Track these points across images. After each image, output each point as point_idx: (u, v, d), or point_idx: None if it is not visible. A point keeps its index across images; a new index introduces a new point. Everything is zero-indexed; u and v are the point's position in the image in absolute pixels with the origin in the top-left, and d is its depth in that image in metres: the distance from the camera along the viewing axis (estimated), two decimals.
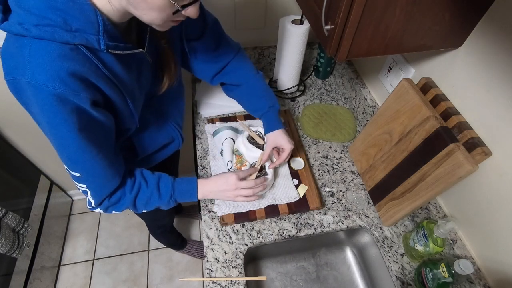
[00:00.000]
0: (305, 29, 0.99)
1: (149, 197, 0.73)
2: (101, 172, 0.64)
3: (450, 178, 0.66)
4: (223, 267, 0.80)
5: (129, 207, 0.73)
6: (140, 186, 0.72)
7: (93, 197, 0.67)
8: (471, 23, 0.64)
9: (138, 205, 0.74)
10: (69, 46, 0.49)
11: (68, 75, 0.49)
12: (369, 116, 1.08)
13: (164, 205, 0.76)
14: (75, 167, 0.61)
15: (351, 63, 1.22)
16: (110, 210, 0.72)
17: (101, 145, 0.61)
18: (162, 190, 0.74)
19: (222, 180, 0.79)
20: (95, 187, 0.66)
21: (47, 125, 0.54)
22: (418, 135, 0.74)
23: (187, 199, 0.78)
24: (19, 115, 1.29)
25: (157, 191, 0.73)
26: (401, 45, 0.64)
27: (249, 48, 1.25)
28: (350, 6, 0.54)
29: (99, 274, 1.65)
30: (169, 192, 0.75)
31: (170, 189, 0.75)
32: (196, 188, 0.78)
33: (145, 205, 0.74)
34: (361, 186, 0.96)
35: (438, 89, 0.77)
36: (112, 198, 0.69)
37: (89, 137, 0.57)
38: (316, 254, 1.02)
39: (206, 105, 1.15)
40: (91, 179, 0.64)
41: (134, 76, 0.64)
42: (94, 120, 0.57)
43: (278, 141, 0.86)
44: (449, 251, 0.80)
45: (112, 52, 0.55)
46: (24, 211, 1.40)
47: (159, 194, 0.74)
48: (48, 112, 0.51)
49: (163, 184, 0.75)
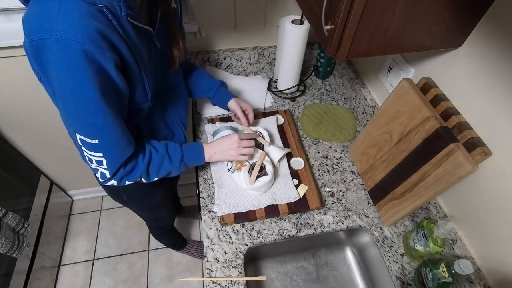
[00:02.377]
0: (305, 29, 0.99)
1: (160, 162, 0.76)
2: (118, 139, 0.64)
3: (450, 178, 0.66)
4: (223, 267, 0.80)
5: (142, 175, 0.75)
6: (151, 153, 0.75)
7: (108, 166, 0.67)
8: (471, 23, 0.64)
9: (151, 172, 0.76)
10: (95, 7, 0.51)
11: (96, 33, 0.51)
12: (369, 116, 1.08)
13: (175, 170, 0.80)
14: (93, 133, 0.61)
15: (351, 63, 1.22)
16: (124, 181, 0.73)
17: (118, 111, 0.62)
18: (172, 155, 0.78)
19: (225, 141, 0.85)
20: (112, 154, 0.66)
21: (71, 85, 0.53)
22: (418, 135, 0.74)
23: (195, 162, 0.84)
24: (19, 115, 1.29)
25: (168, 157, 0.77)
26: (401, 45, 0.64)
27: (249, 48, 1.25)
28: (350, 6, 0.54)
29: (99, 274, 1.65)
30: (179, 156, 0.79)
31: (179, 153, 0.79)
32: (202, 150, 0.84)
33: (157, 172, 0.77)
34: (361, 186, 0.96)
35: (438, 89, 0.77)
36: (127, 167, 0.71)
37: (109, 101, 0.58)
38: (316, 254, 1.02)
39: (206, 105, 1.15)
40: (109, 146, 0.64)
41: (146, 51, 0.66)
42: (115, 84, 0.58)
43: (240, 104, 0.97)
44: (449, 251, 0.80)
45: (130, 20, 0.57)
46: (24, 211, 1.40)
47: (170, 159, 0.78)
48: (74, 70, 0.51)
49: (172, 150, 0.79)
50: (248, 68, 1.31)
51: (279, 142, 1.03)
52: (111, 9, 0.53)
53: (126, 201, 1.04)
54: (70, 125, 0.61)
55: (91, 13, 0.51)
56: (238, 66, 1.30)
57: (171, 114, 0.88)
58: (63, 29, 0.48)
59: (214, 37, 1.20)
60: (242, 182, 0.89)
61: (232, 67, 1.29)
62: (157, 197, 1.10)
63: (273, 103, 1.19)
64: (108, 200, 1.91)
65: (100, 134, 0.61)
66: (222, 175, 0.94)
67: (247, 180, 0.87)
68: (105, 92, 0.56)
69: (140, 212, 1.20)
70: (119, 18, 0.55)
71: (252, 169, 0.88)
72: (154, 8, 0.70)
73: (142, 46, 0.64)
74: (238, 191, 0.90)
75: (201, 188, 0.95)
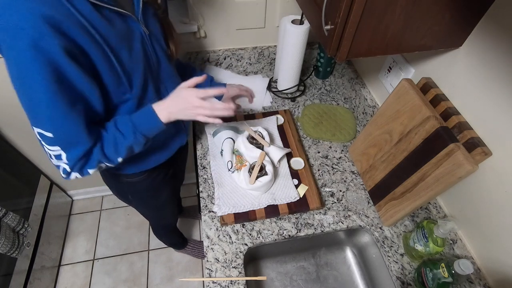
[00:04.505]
0: (305, 29, 0.99)
1: (113, 140, 0.69)
2: (73, 130, 0.61)
3: (450, 178, 0.66)
4: (223, 267, 0.80)
5: (101, 159, 0.69)
6: (101, 134, 0.69)
7: (68, 159, 0.63)
8: (471, 23, 0.64)
9: (108, 153, 0.69)
10: None
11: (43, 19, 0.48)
12: (369, 116, 1.08)
13: (134, 143, 0.72)
14: (47, 125, 0.58)
15: (351, 63, 1.22)
16: (85, 170, 0.68)
17: (74, 103, 0.59)
18: (122, 129, 0.70)
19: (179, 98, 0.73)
20: (68, 146, 0.62)
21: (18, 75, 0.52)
22: (418, 135, 0.74)
23: (152, 127, 0.73)
24: (19, 115, 1.29)
25: (118, 132, 0.70)
26: (401, 45, 0.64)
27: (249, 48, 1.25)
28: (350, 6, 0.54)
29: (99, 274, 1.65)
30: (130, 127, 0.70)
31: (129, 124, 0.71)
32: (153, 112, 0.72)
33: (116, 151, 0.70)
34: (361, 186, 0.96)
35: (438, 89, 0.77)
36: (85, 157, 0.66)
37: (61, 92, 0.55)
38: (316, 254, 1.02)
39: None
40: (65, 138, 0.61)
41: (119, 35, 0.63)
42: (67, 74, 0.55)
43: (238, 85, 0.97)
44: (449, 251, 0.80)
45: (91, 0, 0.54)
46: (24, 211, 1.40)
47: (121, 133, 0.70)
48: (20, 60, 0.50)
49: (120, 123, 0.71)
50: (248, 68, 1.31)
51: (279, 142, 1.03)
52: None
53: (131, 201, 1.04)
54: (28, 117, 0.58)
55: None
56: (238, 66, 1.30)
57: None
58: (9, 15, 0.47)
59: (214, 37, 1.20)
60: (242, 182, 0.89)
61: (232, 67, 1.29)
62: (163, 197, 1.10)
63: (273, 103, 1.19)
64: (108, 200, 1.91)
65: (54, 126, 0.58)
66: (222, 175, 0.94)
67: (247, 180, 0.87)
68: (56, 83, 0.54)
69: (145, 212, 1.20)
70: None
71: (252, 169, 0.88)
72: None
73: (114, 29, 0.60)
74: (238, 191, 0.90)
75: (201, 188, 0.95)
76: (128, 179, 0.92)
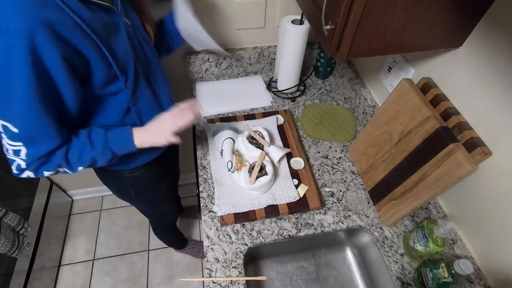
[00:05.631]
0: (305, 29, 0.99)
1: (81, 148, 0.68)
2: (42, 130, 0.60)
3: (450, 178, 0.66)
4: (223, 267, 0.80)
5: (61, 163, 0.67)
6: (71, 139, 0.68)
7: (26, 156, 0.62)
8: (471, 23, 0.64)
9: (71, 159, 0.68)
10: None
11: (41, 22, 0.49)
12: (369, 116, 1.08)
13: (100, 157, 0.71)
14: (16, 121, 0.57)
15: (351, 63, 1.22)
16: (41, 171, 0.66)
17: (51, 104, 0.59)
18: (94, 139, 0.70)
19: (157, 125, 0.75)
20: (31, 144, 0.61)
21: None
22: (418, 135, 0.74)
23: (124, 148, 0.73)
24: None
25: (89, 141, 0.69)
26: (401, 45, 0.64)
27: (249, 48, 1.25)
28: (350, 6, 0.54)
29: (99, 274, 1.65)
30: (101, 141, 0.70)
31: (102, 137, 0.70)
32: (130, 134, 0.73)
33: (79, 159, 0.69)
34: (361, 186, 0.96)
35: (438, 89, 0.77)
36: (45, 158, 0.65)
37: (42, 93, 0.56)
38: (316, 254, 1.02)
39: (206, 104, 1.15)
40: (31, 136, 0.60)
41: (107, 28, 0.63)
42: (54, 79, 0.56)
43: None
44: (449, 251, 0.80)
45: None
46: (24, 211, 1.40)
47: (91, 143, 0.69)
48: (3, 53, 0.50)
49: (94, 134, 0.70)
50: (248, 68, 1.31)
51: (279, 142, 1.03)
52: None
53: (133, 197, 1.04)
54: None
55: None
56: (238, 66, 1.30)
57: (161, 95, 0.85)
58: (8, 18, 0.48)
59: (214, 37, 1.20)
60: (242, 182, 0.89)
61: (232, 67, 1.29)
62: (161, 191, 1.10)
63: (273, 103, 1.19)
64: (108, 200, 1.91)
65: (22, 123, 0.58)
66: (222, 175, 0.94)
67: (247, 180, 0.87)
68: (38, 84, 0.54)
69: (146, 208, 1.20)
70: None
71: (252, 169, 0.88)
72: None
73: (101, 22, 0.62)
74: (238, 191, 0.90)
75: (201, 188, 0.95)
76: (130, 174, 0.92)
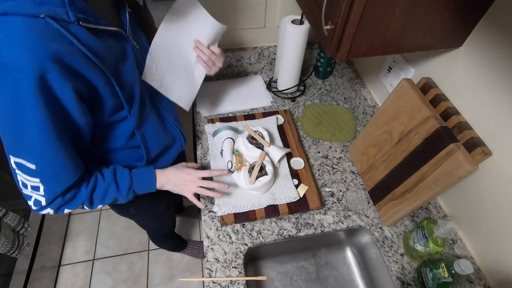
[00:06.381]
0: (305, 29, 0.99)
1: (106, 189, 0.69)
2: (60, 165, 0.59)
3: (450, 178, 0.66)
4: (223, 267, 0.80)
5: (84, 203, 0.68)
6: (97, 179, 0.68)
7: (45, 193, 0.61)
8: (471, 23, 0.64)
9: (95, 200, 0.69)
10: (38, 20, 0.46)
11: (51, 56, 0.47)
12: (369, 116, 1.08)
13: (122, 198, 0.73)
14: (32, 157, 0.56)
15: (351, 63, 1.22)
16: (62, 210, 0.66)
17: (66, 137, 0.58)
18: (119, 182, 0.71)
19: (183, 174, 0.79)
20: (51, 181, 0.60)
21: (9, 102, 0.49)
22: (418, 135, 0.74)
23: (145, 190, 0.77)
24: None
25: (115, 183, 0.70)
26: (401, 45, 0.64)
27: (249, 48, 1.25)
28: (350, 6, 0.54)
29: (99, 274, 1.65)
30: (127, 183, 0.72)
31: (128, 180, 0.72)
32: (154, 178, 0.77)
33: (102, 199, 0.70)
34: (361, 186, 0.96)
35: (438, 89, 0.77)
36: (67, 195, 0.64)
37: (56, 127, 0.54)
38: (316, 254, 1.02)
39: (206, 104, 1.15)
40: (49, 172, 0.59)
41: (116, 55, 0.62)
42: (67, 112, 0.55)
43: None
44: (449, 251, 0.80)
45: (84, 25, 0.52)
46: (24, 211, 1.39)
47: (117, 186, 0.71)
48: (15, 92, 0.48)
49: (120, 176, 0.72)
50: (248, 68, 1.31)
51: (279, 142, 1.03)
52: (57, 17, 0.48)
53: (133, 214, 1.03)
54: (6, 145, 0.56)
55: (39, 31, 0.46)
56: (238, 66, 1.30)
57: (166, 115, 0.84)
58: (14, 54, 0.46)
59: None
60: (242, 182, 0.89)
61: (232, 67, 1.29)
62: (163, 206, 1.10)
63: (273, 103, 1.19)
64: None
65: (39, 159, 0.56)
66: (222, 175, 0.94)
67: (247, 180, 0.87)
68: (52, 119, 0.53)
69: (145, 223, 1.19)
70: (69, 26, 0.50)
71: (252, 169, 0.88)
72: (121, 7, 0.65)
73: (110, 50, 0.60)
74: (238, 191, 0.90)
75: None
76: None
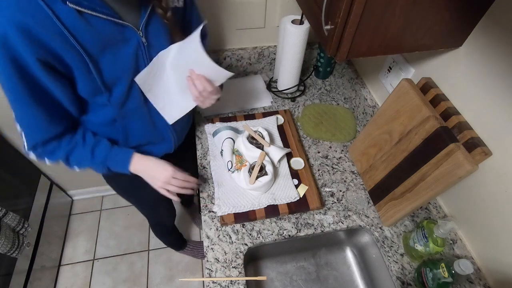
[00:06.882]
0: (305, 29, 0.99)
1: (82, 155, 0.74)
2: (33, 120, 0.64)
3: (450, 178, 0.66)
4: (223, 267, 0.80)
5: (62, 159, 0.73)
6: (77, 143, 0.73)
7: (26, 139, 0.67)
8: (471, 23, 0.64)
9: (71, 161, 0.74)
10: None
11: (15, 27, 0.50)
12: (369, 116, 1.08)
13: (97, 167, 0.77)
14: (11, 104, 0.62)
15: (351, 63, 1.22)
16: (43, 157, 0.71)
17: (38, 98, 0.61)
18: (96, 153, 0.75)
19: (159, 167, 0.80)
20: (25, 130, 0.66)
21: None
22: (418, 135, 0.74)
23: (118, 169, 0.79)
24: None
25: (91, 153, 0.74)
26: (401, 45, 0.64)
27: (249, 48, 1.25)
28: (350, 6, 0.54)
29: (99, 274, 1.65)
30: (102, 157, 0.75)
31: (104, 155, 0.75)
32: (129, 159, 0.78)
33: (78, 163, 0.75)
34: (361, 186, 0.96)
35: (438, 89, 0.77)
36: (48, 146, 0.70)
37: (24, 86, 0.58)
38: (316, 254, 1.02)
39: None
40: (24, 123, 0.65)
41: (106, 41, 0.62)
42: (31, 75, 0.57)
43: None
44: (449, 251, 0.80)
45: (72, 6, 0.53)
46: (24, 211, 1.40)
47: (92, 156, 0.74)
48: None
49: (99, 148, 0.75)
50: (248, 68, 1.31)
51: (279, 142, 1.03)
52: None
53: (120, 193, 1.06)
54: None
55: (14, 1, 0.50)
56: (238, 66, 1.30)
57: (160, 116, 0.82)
58: None
59: (214, 37, 1.20)
60: (242, 182, 0.89)
61: (232, 67, 1.29)
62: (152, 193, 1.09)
63: (273, 103, 1.19)
64: (108, 200, 1.91)
65: (14, 109, 0.63)
66: (222, 175, 0.94)
67: (247, 180, 0.87)
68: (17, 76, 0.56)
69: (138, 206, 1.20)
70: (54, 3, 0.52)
71: (252, 169, 0.88)
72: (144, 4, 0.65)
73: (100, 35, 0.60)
74: (238, 191, 0.90)
75: (201, 188, 0.95)
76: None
